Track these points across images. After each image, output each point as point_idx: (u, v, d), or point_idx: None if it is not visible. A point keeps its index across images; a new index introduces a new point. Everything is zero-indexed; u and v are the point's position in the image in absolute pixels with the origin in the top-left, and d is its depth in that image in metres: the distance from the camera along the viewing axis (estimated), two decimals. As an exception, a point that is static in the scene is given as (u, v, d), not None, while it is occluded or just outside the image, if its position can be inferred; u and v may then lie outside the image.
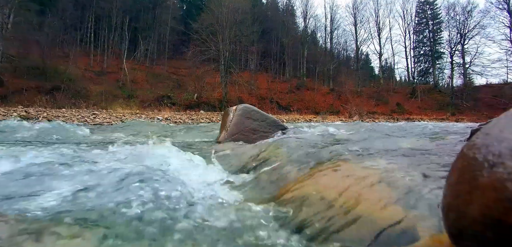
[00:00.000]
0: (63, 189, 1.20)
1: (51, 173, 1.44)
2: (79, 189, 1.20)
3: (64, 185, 1.25)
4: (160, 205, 1.09)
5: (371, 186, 1.03)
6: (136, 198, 1.11)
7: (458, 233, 0.46)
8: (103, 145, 2.67)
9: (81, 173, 1.45)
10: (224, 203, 1.21)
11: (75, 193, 1.17)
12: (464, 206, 0.43)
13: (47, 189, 1.21)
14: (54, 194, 1.16)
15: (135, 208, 1.04)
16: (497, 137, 0.44)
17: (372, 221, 0.85)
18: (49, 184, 1.27)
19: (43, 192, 1.18)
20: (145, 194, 1.16)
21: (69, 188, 1.22)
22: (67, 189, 1.21)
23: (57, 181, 1.31)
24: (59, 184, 1.26)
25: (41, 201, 1.10)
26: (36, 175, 1.40)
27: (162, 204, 1.11)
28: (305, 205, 1.08)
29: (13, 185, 1.28)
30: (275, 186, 1.42)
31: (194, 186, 1.36)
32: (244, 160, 2.04)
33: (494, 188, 0.39)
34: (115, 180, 1.30)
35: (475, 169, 0.43)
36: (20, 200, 1.10)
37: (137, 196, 1.13)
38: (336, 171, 1.27)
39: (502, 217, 0.38)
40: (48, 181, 1.32)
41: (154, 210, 1.04)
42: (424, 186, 0.95)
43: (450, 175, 0.50)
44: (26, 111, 10.09)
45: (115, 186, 1.24)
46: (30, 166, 1.55)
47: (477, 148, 0.46)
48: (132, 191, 1.18)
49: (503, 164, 0.40)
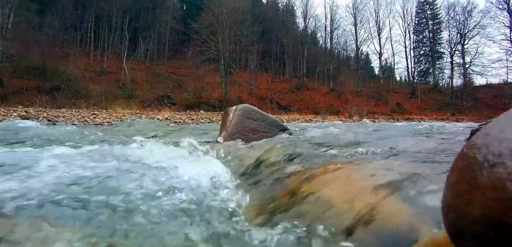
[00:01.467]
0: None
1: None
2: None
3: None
4: (160, 204, 1.09)
5: (372, 185, 1.03)
6: (136, 198, 1.11)
7: (458, 233, 0.46)
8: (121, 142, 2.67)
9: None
10: (223, 203, 1.21)
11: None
12: (464, 206, 0.43)
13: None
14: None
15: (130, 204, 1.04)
16: (497, 137, 0.44)
17: (373, 221, 0.85)
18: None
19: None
20: (145, 193, 1.16)
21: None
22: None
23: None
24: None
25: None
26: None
27: (162, 203, 1.11)
28: (305, 205, 1.08)
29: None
30: (275, 187, 1.42)
31: (193, 186, 1.36)
32: (244, 160, 2.03)
33: (494, 188, 0.39)
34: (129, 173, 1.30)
35: (475, 169, 0.43)
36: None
37: (137, 196, 1.13)
38: (337, 171, 1.27)
39: (502, 217, 0.38)
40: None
41: (152, 210, 1.04)
42: (424, 185, 0.96)
43: (450, 175, 0.50)
44: (26, 111, 10.09)
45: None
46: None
47: (477, 148, 0.46)
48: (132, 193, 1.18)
49: (503, 164, 0.40)
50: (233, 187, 1.48)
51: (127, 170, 1.47)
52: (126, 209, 1.05)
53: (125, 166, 1.55)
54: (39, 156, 1.69)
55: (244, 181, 1.65)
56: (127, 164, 1.61)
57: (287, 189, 1.30)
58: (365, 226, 0.84)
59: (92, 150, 2.01)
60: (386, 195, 0.95)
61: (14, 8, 20.24)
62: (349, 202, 0.97)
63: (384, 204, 0.90)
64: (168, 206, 1.11)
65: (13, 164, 1.51)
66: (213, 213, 1.11)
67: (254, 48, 30.53)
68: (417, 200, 0.88)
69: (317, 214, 0.99)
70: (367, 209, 0.90)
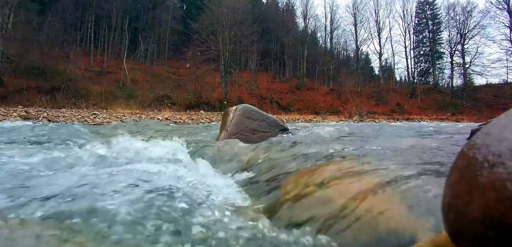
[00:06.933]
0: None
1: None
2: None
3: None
4: (158, 204, 1.09)
5: (372, 185, 1.03)
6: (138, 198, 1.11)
7: (458, 233, 0.46)
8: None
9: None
10: (222, 203, 1.21)
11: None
12: (464, 206, 0.43)
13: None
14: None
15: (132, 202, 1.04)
16: (497, 137, 0.44)
17: (373, 221, 0.85)
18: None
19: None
20: (145, 195, 1.16)
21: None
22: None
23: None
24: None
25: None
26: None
27: (162, 203, 1.10)
28: (305, 206, 1.08)
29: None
30: (275, 187, 1.42)
31: (192, 186, 1.36)
32: (244, 161, 2.03)
33: (494, 188, 0.39)
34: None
35: (475, 169, 0.43)
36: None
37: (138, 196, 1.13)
38: (337, 171, 1.27)
39: (502, 217, 0.38)
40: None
41: (151, 209, 1.04)
42: (424, 185, 0.95)
43: (450, 175, 0.50)
44: (26, 111, 10.08)
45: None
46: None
47: (477, 148, 0.46)
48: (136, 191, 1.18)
49: (503, 164, 0.40)
50: (232, 187, 1.48)
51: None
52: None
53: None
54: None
55: (242, 180, 1.65)
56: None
57: (285, 188, 1.30)
58: (365, 226, 0.84)
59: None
60: (386, 194, 0.95)
61: (14, 8, 20.23)
62: (348, 202, 0.97)
63: (384, 204, 0.90)
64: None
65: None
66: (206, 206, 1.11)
67: (254, 48, 30.50)
68: (416, 200, 0.88)
69: (314, 214, 0.99)
70: (366, 209, 0.90)
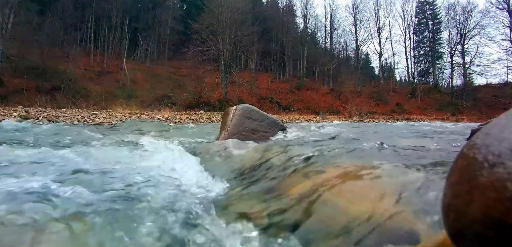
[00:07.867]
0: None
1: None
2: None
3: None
4: (158, 203, 1.09)
5: (371, 185, 1.03)
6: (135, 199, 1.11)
7: (458, 233, 0.46)
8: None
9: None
10: (221, 203, 1.21)
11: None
12: (464, 206, 0.43)
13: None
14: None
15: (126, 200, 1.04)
16: (497, 137, 0.44)
17: (373, 220, 0.85)
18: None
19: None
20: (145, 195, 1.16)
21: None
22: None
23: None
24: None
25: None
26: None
27: (161, 203, 1.11)
28: (304, 206, 1.08)
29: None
30: (275, 187, 1.41)
31: (191, 185, 1.36)
32: (244, 161, 2.03)
33: (494, 188, 0.39)
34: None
35: (475, 169, 0.43)
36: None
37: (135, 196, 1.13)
38: (337, 171, 1.27)
39: (502, 217, 0.38)
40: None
41: (150, 208, 1.04)
42: (423, 185, 0.95)
43: (450, 175, 0.50)
44: (26, 111, 10.08)
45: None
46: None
47: (477, 148, 0.46)
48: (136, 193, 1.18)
49: (503, 164, 0.40)
50: (232, 187, 1.48)
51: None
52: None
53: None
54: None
55: (242, 180, 1.65)
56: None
57: (284, 189, 1.30)
58: (364, 227, 0.84)
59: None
60: (385, 194, 0.95)
61: (14, 8, 20.21)
62: (348, 202, 0.97)
63: (384, 204, 0.90)
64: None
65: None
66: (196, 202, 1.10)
67: (254, 48, 30.48)
68: (416, 200, 0.88)
69: (314, 215, 0.98)
70: (366, 209, 0.90)
